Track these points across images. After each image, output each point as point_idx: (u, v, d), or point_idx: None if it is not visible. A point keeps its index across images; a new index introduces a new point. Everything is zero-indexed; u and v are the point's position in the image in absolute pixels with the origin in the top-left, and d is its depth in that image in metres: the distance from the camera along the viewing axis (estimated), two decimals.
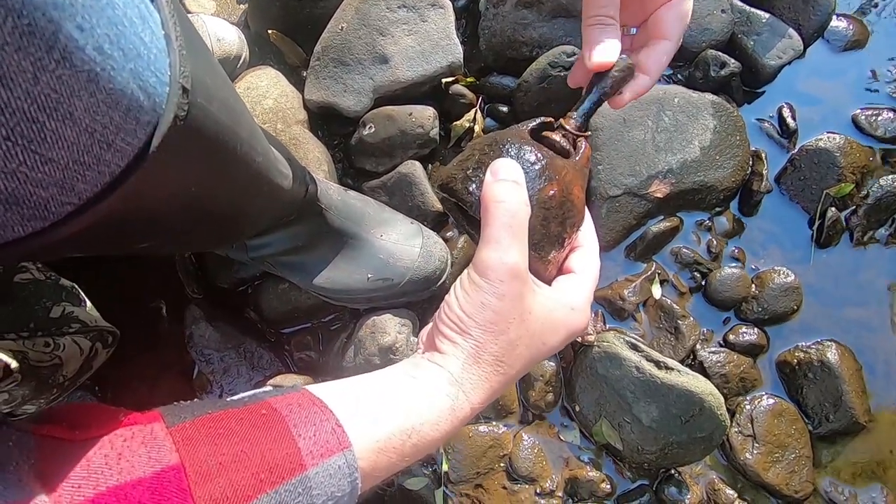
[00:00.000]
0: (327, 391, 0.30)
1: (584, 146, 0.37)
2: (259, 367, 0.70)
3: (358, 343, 0.66)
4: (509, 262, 0.30)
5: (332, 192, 0.63)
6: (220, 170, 0.32)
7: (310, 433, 0.26)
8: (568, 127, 0.37)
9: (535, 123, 0.38)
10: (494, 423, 0.68)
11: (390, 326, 0.65)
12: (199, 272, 0.74)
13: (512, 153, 0.34)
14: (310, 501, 0.25)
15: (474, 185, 0.34)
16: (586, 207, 0.37)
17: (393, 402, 0.30)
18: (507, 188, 0.31)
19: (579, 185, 0.35)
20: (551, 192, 0.33)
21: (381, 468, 0.28)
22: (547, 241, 0.34)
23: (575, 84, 0.42)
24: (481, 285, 0.30)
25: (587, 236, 0.36)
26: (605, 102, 0.39)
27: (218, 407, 0.27)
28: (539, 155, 0.34)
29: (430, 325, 0.34)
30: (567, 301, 0.33)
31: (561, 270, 0.36)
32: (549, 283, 0.35)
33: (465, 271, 0.32)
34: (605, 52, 0.36)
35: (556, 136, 0.37)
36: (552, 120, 0.38)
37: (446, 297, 0.33)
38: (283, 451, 0.25)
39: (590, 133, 0.39)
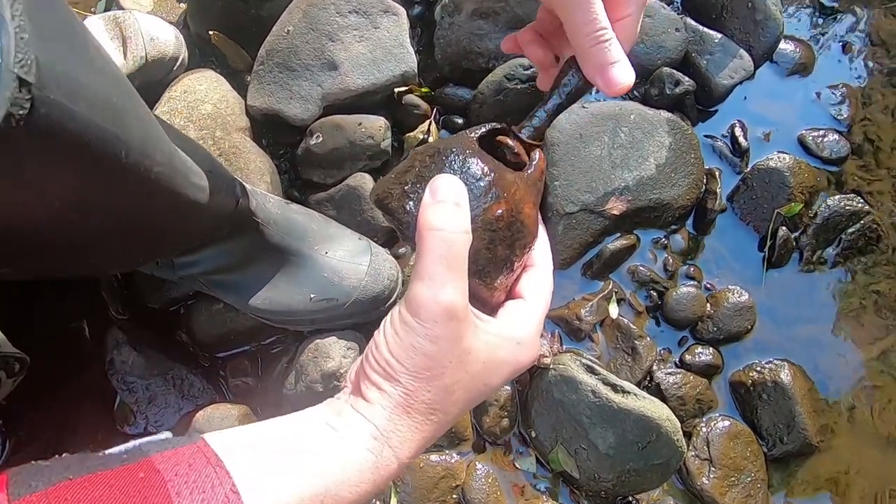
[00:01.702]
0: (229, 444, 0.26)
1: (537, 157, 0.34)
2: (190, 395, 0.64)
3: (299, 368, 0.61)
4: (444, 301, 0.26)
5: (270, 205, 0.58)
6: (99, 181, 0.27)
7: (195, 500, 0.22)
8: (521, 135, 0.34)
9: (484, 130, 0.34)
10: (447, 451, 0.65)
11: (334, 350, 0.61)
12: (126, 290, 0.68)
13: (455, 166, 0.30)
14: None
15: (412, 203, 0.30)
16: (541, 224, 0.34)
17: (305, 460, 0.26)
18: (444, 212, 0.28)
19: (531, 203, 0.32)
20: (498, 211, 0.30)
21: None
22: (493, 267, 0.30)
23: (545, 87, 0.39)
24: (412, 326, 0.27)
25: (540, 255, 0.33)
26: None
27: (86, 468, 0.23)
28: (486, 168, 0.30)
29: (359, 361, 0.30)
30: (513, 334, 0.30)
31: (510, 294, 0.33)
32: (495, 308, 0.32)
33: (397, 307, 0.29)
34: (624, 73, 0.31)
35: (509, 143, 0.34)
36: (504, 126, 0.35)
37: (375, 335, 0.29)
38: None
39: (544, 143, 0.36)
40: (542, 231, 0.34)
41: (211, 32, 0.75)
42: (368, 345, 0.29)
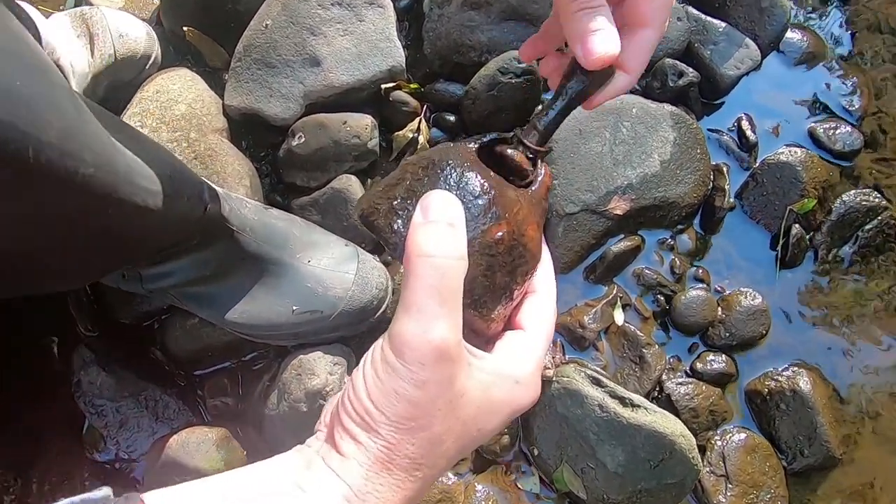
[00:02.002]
0: None
1: (543, 172, 0.30)
2: (164, 418, 0.59)
3: (282, 387, 0.57)
4: (434, 340, 0.23)
5: (247, 210, 0.53)
6: (6, 185, 0.23)
7: None
8: (527, 142, 0.30)
9: (485, 139, 0.31)
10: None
11: (320, 367, 0.56)
12: (95, 305, 0.63)
13: (451, 181, 0.27)
14: None
15: (400, 222, 0.26)
16: (545, 245, 0.30)
17: None
18: (437, 235, 0.24)
19: (534, 224, 0.28)
20: (499, 234, 0.26)
21: None
22: (491, 296, 0.26)
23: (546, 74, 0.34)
24: (396, 368, 0.23)
25: (542, 280, 0.29)
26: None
27: None
28: (485, 185, 0.27)
29: (335, 399, 0.26)
30: (510, 372, 0.26)
31: (508, 323, 0.29)
32: (492, 340, 0.28)
33: (379, 343, 0.24)
34: (606, 41, 0.28)
35: (513, 153, 0.30)
36: (508, 136, 0.32)
37: (353, 374, 0.25)
38: None
39: (551, 148, 0.32)
40: (545, 253, 0.30)
41: (185, 29, 0.71)
42: (345, 386, 0.25)
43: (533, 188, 0.29)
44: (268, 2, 0.68)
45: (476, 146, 0.30)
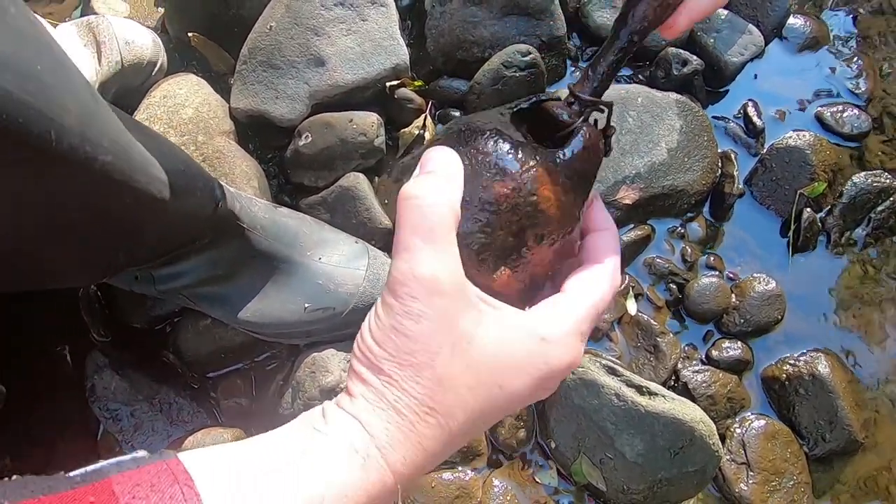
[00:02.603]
0: (205, 462, 0.22)
1: (583, 131, 0.27)
2: (179, 420, 0.59)
3: (296, 385, 0.57)
4: (422, 274, 0.22)
5: (257, 209, 0.53)
6: (25, 168, 0.23)
7: None
8: (580, 93, 0.28)
9: (526, 103, 0.29)
10: (460, 468, 0.59)
11: (333, 364, 0.56)
12: (107, 310, 0.63)
13: (465, 140, 0.26)
14: None
15: None
16: (603, 213, 0.29)
17: (285, 472, 0.22)
18: (426, 182, 0.24)
19: (553, 185, 0.26)
20: (501, 191, 0.25)
21: None
22: (492, 254, 0.25)
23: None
24: (391, 305, 0.23)
25: (595, 250, 0.28)
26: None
27: (30, 492, 0.19)
28: (499, 143, 0.26)
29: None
30: (535, 328, 0.24)
31: (554, 290, 0.27)
32: (526, 302, 0.27)
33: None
34: None
35: (556, 111, 0.28)
36: (553, 97, 0.29)
37: (362, 324, 0.25)
38: None
39: (609, 103, 0.29)
40: (605, 223, 0.29)
41: (190, 35, 0.71)
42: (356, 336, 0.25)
43: (564, 149, 0.27)
44: (271, 4, 0.68)
45: (512, 110, 0.29)
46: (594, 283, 0.26)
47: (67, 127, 0.24)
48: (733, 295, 0.66)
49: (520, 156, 0.26)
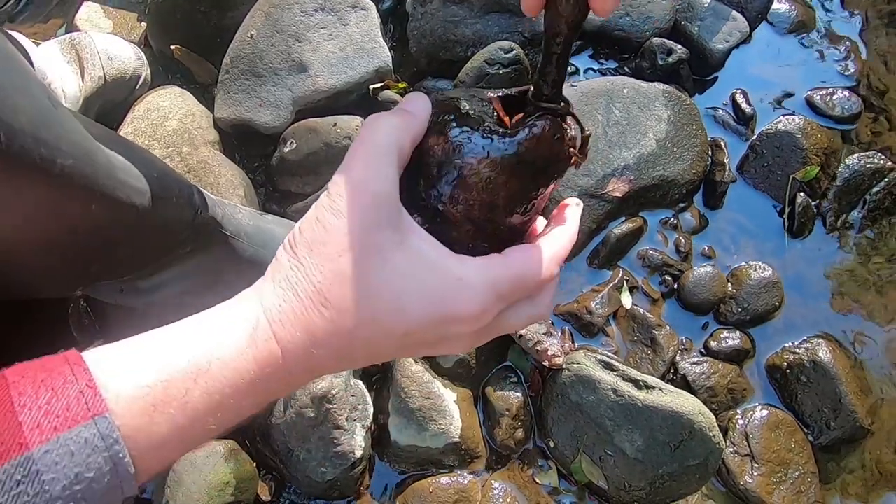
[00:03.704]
0: (105, 349, 0.23)
1: (531, 129, 0.27)
2: None
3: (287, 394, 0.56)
4: (352, 177, 0.24)
5: (241, 216, 0.53)
6: None
7: (41, 401, 0.20)
8: (536, 99, 0.28)
9: (514, 91, 0.29)
10: (458, 471, 0.58)
11: None
12: (97, 325, 0.63)
13: (436, 109, 0.27)
14: (38, 490, 0.19)
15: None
16: (566, 211, 0.30)
17: (175, 342, 0.23)
18: (387, 112, 0.25)
19: (494, 171, 0.27)
20: (433, 146, 0.26)
21: (164, 434, 0.22)
22: (445, 223, 0.26)
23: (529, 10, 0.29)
24: (322, 201, 0.24)
25: (547, 235, 0.28)
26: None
27: None
28: (456, 121, 0.27)
29: None
30: (453, 267, 0.24)
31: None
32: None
33: None
34: None
35: (531, 107, 0.28)
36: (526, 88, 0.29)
37: None
38: None
39: (566, 108, 0.29)
40: (564, 218, 0.29)
41: (173, 47, 0.71)
42: None
43: (513, 137, 0.27)
44: (251, 13, 0.68)
45: (497, 93, 0.29)
46: (529, 259, 0.26)
47: (18, 128, 0.24)
48: (729, 284, 0.65)
49: (473, 139, 0.26)
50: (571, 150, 0.28)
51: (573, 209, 0.30)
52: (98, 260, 0.35)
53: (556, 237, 0.28)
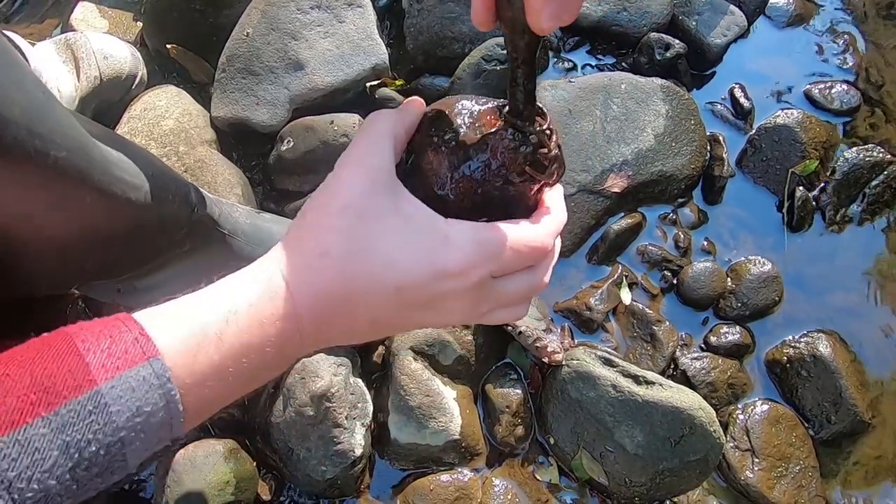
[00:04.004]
0: (150, 310, 0.26)
1: (491, 144, 0.28)
2: None
3: (287, 392, 0.56)
4: (352, 153, 0.28)
5: (238, 214, 0.53)
6: None
7: (103, 346, 0.23)
8: (511, 112, 0.28)
9: (492, 104, 0.30)
10: (458, 469, 0.58)
11: (323, 368, 0.55)
12: None
13: (435, 113, 0.31)
14: (107, 420, 0.22)
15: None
16: (556, 201, 0.31)
17: (208, 298, 0.26)
18: (384, 110, 0.30)
19: (433, 150, 0.29)
20: (421, 142, 0.30)
21: (205, 372, 0.25)
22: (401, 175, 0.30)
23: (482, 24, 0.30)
24: (328, 176, 0.29)
25: (540, 216, 0.31)
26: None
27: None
28: (446, 122, 0.29)
29: None
30: (443, 227, 0.27)
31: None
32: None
33: None
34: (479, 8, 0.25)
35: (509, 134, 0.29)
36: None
37: None
38: (65, 368, 0.22)
39: (546, 119, 0.29)
40: (557, 204, 0.31)
41: (169, 46, 0.71)
42: None
43: (479, 145, 0.29)
44: (247, 11, 0.68)
45: (498, 104, 0.30)
46: (517, 226, 0.28)
47: (11, 118, 0.24)
48: (729, 279, 0.64)
49: (456, 142, 0.29)
50: (527, 168, 0.28)
51: (554, 192, 0.32)
52: (94, 257, 0.35)
53: (543, 213, 0.30)
